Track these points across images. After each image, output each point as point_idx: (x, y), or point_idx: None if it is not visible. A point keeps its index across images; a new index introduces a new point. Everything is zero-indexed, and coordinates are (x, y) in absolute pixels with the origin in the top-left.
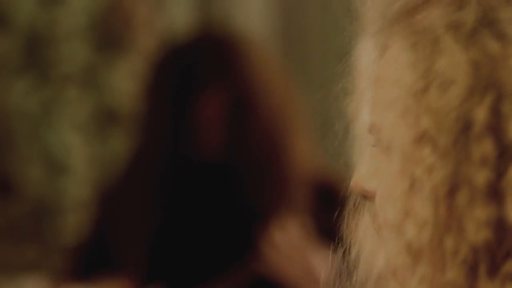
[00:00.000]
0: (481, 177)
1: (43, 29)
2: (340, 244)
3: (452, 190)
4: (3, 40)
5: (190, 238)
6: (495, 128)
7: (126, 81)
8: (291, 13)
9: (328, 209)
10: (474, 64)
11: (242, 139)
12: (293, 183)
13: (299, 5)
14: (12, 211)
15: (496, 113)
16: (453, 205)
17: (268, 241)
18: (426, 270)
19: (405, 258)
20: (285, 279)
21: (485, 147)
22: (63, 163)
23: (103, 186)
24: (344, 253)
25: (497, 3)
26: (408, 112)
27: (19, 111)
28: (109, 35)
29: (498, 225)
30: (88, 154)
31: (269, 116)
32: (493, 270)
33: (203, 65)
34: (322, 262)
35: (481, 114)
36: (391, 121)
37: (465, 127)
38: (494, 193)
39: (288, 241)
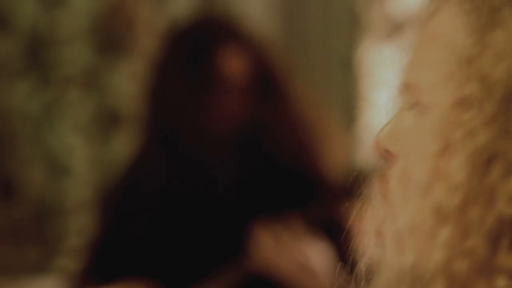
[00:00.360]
0: None
1: (45, 31)
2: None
3: (489, 159)
4: (5, 42)
5: (185, 236)
6: None
7: (128, 83)
8: (293, 13)
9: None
10: None
11: (262, 122)
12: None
13: (301, 5)
14: (14, 212)
15: None
16: (488, 174)
17: (259, 237)
18: (449, 234)
19: (428, 219)
20: (280, 274)
21: None
22: (64, 164)
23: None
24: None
25: None
26: (456, 75)
27: (20, 113)
28: (110, 37)
29: None
30: (90, 155)
31: (291, 100)
32: None
33: (216, 39)
34: (317, 254)
35: None
36: (434, 82)
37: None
38: None
39: (279, 236)
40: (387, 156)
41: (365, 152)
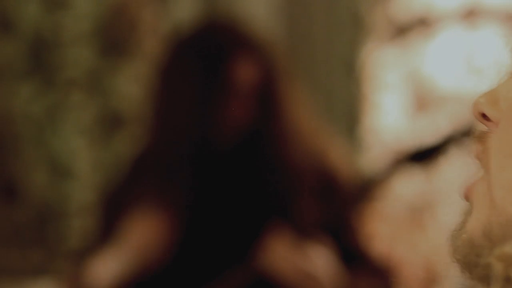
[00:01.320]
0: None
1: (48, 34)
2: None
3: None
4: (8, 45)
5: (193, 238)
6: None
7: (131, 85)
8: (296, 16)
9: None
10: None
11: (267, 125)
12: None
13: (304, 8)
14: (17, 215)
15: None
16: None
17: (267, 241)
18: None
19: None
20: (284, 279)
21: None
22: (67, 167)
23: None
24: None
25: None
26: None
27: (23, 116)
28: (114, 40)
29: None
30: (93, 158)
31: (292, 104)
32: None
33: (224, 46)
34: (320, 261)
35: None
36: None
37: None
38: None
39: (285, 241)
40: (483, 121)
41: (369, 154)
